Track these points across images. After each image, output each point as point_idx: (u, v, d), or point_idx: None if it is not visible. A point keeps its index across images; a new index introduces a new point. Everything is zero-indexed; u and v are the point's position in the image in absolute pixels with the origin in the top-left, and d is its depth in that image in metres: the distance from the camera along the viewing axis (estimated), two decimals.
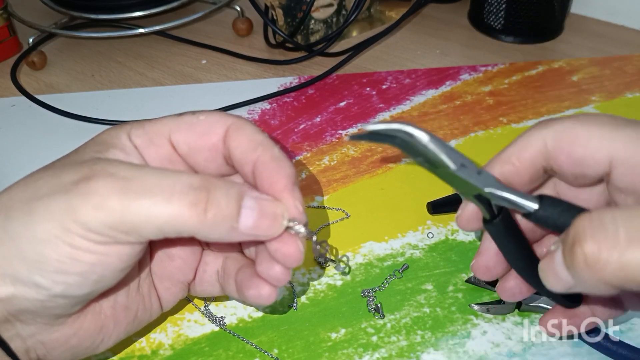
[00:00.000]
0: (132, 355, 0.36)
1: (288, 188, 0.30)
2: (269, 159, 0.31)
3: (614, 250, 0.22)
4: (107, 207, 0.26)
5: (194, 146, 0.32)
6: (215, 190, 0.27)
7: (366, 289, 0.40)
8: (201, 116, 0.32)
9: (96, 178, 0.27)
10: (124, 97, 0.59)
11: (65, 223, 0.26)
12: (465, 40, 0.68)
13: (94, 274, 0.27)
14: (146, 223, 0.27)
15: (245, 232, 0.28)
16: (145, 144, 0.32)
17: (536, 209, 0.28)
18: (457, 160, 0.28)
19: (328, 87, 0.60)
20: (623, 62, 0.63)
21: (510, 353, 0.36)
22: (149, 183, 0.27)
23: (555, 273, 0.25)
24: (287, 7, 0.63)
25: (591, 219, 0.24)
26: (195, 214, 0.27)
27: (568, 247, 0.24)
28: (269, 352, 0.36)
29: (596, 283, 0.24)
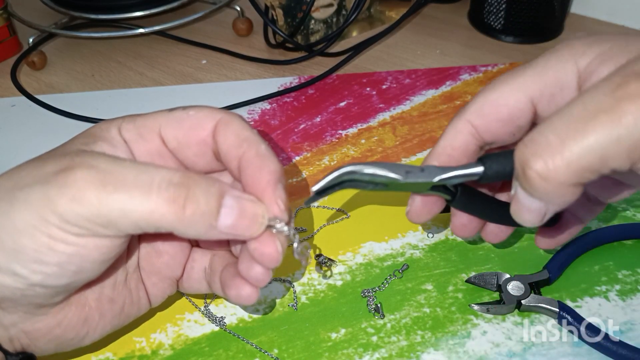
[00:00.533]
0: (132, 355, 0.36)
1: (271, 185, 0.30)
2: (254, 155, 0.31)
3: (556, 155, 0.24)
4: (84, 199, 0.26)
5: (183, 141, 0.32)
6: (195, 187, 0.27)
7: (366, 289, 0.40)
8: (191, 111, 0.32)
9: (76, 169, 0.27)
10: (124, 97, 0.59)
11: (43, 213, 0.26)
12: (465, 40, 0.68)
13: (72, 265, 0.27)
14: (122, 217, 0.27)
15: (224, 231, 0.28)
16: (135, 138, 0.32)
17: (482, 171, 0.30)
18: (401, 170, 0.30)
19: (328, 87, 0.60)
20: None
21: (510, 353, 0.36)
22: (128, 177, 0.27)
23: (525, 207, 0.27)
24: (287, 7, 0.63)
25: (524, 143, 0.26)
26: (172, 210, 0.27)
27: (521, 177, 0.26)
28: (269, 352, 0.36)
29: (561, 191, 0.25)
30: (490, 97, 0.31)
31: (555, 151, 0.24)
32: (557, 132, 0.24)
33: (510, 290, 0.38)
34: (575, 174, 0.24)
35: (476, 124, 0.31)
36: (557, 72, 0.29)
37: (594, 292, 0.39)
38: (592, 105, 0.24)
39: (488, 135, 0.31)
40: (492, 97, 0.31)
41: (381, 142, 0.53)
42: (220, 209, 0.28)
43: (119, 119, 0.32)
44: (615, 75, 0.25)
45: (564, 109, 0.25)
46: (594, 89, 0.25)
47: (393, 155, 0.51)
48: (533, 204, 0.27)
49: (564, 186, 0.25)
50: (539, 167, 0.25)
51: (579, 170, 0.24)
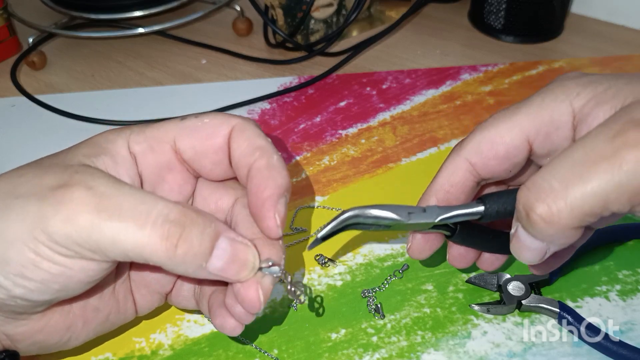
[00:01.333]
0: (132, 356, 0.36)
1: (273, 198, 0.30)
2: (264, 165, 0.30)
3: (559, 200, 0.25)
4: (76, 222, 0.26)
5: (200, 149, 0.32)
6: (190, 227, 0.27)
7: (366, 289, 0.40)
8: (205, 119, 0.32)
9: (73, 188, 0.26)
10: (124, 97, 0.59)
11: (34, 230, 0.26)
12: (465, 40, 0.68)
13: (56, 284, 0.27)
14: (112, 246, 0.26)
15: (213, 273, 0.28)
16: (145, 151, 0.31)
17: (483, 210, 0.31)
18: (403, 212, 0.31)
19: (328, 87, 0.60)
20: (623, 62, 0.63)
21: (510, 353, 0.36)
22: (124, 205, 0.26)
23: (526, 247, 0.28)
24: (287, 7, 0.63)
25: (527, 187, 0.26)
26: (164, 248, 0.26)
27: (524, 220, 0.27)
28: (268, 352, 0.36)
29: (564, 233, 0.26)
30: (487, 135, 0.31)
31: (559, 196, 0.25)
32: (559, 178, 0.25)
33: (511, 290, 0.38)
34: (578, 217, 0.25)
35: (474, 161, 0.32)
36: (552, 112, 0.30)
37: (595, 292, 0.39)
38: (592, 152, 0.25)
39: (485, 172, 0.32)
40: (489, 135, 0.31)
41: (381, 142, 0.53)
42: (213, 251, 0.28)
43: (127, 129, 0.32)
44: (613, 122, 0.26)
45: (565, 154, 0.26)
46: (593, 135, 0.26)
47: (393, 155, 0.51)
48: (534, 243, 0.28)
49: (567, 229, 0.26)
50: (543, 211, 0.26)
51: (582, 215, 0.25)
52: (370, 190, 0.48)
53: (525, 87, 0.59)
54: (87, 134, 0.54)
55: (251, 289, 0.29)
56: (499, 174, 0.32)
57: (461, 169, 0.32)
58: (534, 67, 0.62)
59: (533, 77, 0.61)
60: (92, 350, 0.36)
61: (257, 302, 0.29)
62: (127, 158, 0.31)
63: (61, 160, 0.29)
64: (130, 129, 0.32)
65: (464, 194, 0.33)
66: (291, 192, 0.47)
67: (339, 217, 0.31)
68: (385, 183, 0.48)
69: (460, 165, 0.32)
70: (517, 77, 0.61)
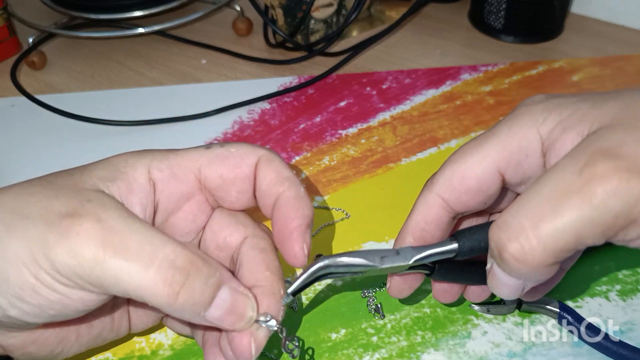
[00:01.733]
0: (132, 356, 0.36)
1: (300, 229, 0.30)
2: (293, 196, 0.31)
3: (531, 238, 0.25)
4: (81, 255, 0.25)
5: (228, 178, 0.31)
6: (195, 276, 0.27)
7: (366, 289, 0.40)
8: (232, 148, 0.32)
9: (82, 219, 0.26)
10: (124, 97, 0.59)
11: (37, 255, 0.25)
12: (465, 40, 0.68)
13: (52, 310, 0.27)
14: (114, 283, 0.26)
15: (210, 321, 0.28)
16: (167, 179, 0.31)
17: (457, 248, 0.30)
18: (376, 257, 0.30)
19: (328, 87, 0.60)
20: (623, 62, 0.63)
21: (510, 353, 0.36)
22: (131, 243, 0.26)
23: (503, 284, 0.27)
24: (287, 7, 0.63)
25: (499, 226, 0.26)
26: (165, 293, 0.26)
27: (498, 259, 0.26)
28: (268, 352, 0.36)
29: (539, 271, 0.25)
30: (457, 169, 0.30)
31: (530, 235, 0.25)
32: (530, 216, 0.25)
33: None
34: (551, 255, 0.25)
35: (446, 197, 0.31)
36: (520, 139, 0.29)
37: (595, 292, 0.39)
38: (561, 186, 0.24)
39: (459, 206, 0.31)
40: (460, 170, 0.30)
41: (381, 141, 0.53)
42: (213, 301, 0.28)
43: (148, 154, 0.31)
44: (580, 152, 0.25)
45: (534, 190, 0.25)
46: (561, 167, 0.25)
47: (393, 155, 0.51)
48: (510, 280, 0.27)
49: (541, 267, 0.25)
50: (515, 250, 0.25)
51: (555, 252, 0.25)
52: (370, 190, 0.48)
53: (525, 87, 0.59)
54: (87, 134, 0.54)
55: (244, 339, 0.29)
56: (474, 207, 0.31)
57: (434, 206, 0.31)
58: (534, 67, 0.62)
59: (533, 77, 0.61)
60: (92, 350, 0.36)
61: (249, 353, 0.29)
62: (143, 186, 0.30)
63: (75, 182, 0.28)
64: (152, 154, 0.31)
65: (440, 231, 0.32)
66: None
67: (309, 269, 0.30)
68: (385, 183, 0.48)
69: (433, 202, 0.31)
70: (517, 77, 0.61)
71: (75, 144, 0.53)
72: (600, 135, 0.25)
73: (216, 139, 0.53)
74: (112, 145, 0.53)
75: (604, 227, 0.24)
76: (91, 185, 0.28)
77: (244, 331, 0.29)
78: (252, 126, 0.55)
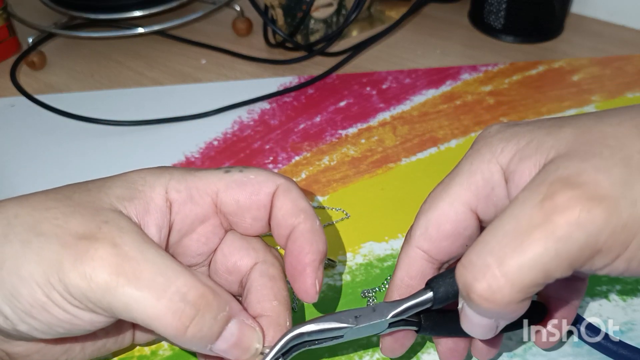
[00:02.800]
0: (132, 356, 0.36)
1: (314, 265, 0.30)
2: (308, 229, 0.31)
3: (497, 277, 0.24)
4: (94, 280, 0.25)
5: (244, 204, 0.31)
6: (205, 311, 0.27)
7: (366, 289, 0.40)
8: (251, 175, 0.31)
9: (98, 244, 0.26)
10: (124, 97, 0.59)
11: (50, 275, 0.26)
12: (465, 40, 0.68)
13: (61, 328, 0.27)
14: (124, 310, 0.26)
15: (216, 352, 0.28)
16: (183, 200, 0.31)
17: (432, 296, 0.29)
18: (349, 317, 0.29)
19: (328, 87, 0.60)
20: (623, 62, 0.63)
21: (510, 353, 0.36)
22: (145, 273, 0.26)
23: (475, 324, 0.27)
24: (287, 7, 0.63)
25: (463, 265, 0.25)
26: (175, 326, 0.26)
27: (467, 300, 0.25)
28: None
29: (509, 308, 0.24)
30: (431, 217, 0.30)
31: (497, 273, 0.24)
32: (494, 253, 0.24)
33: None
34: (520, 291, 0.24)
35: (426, 248, 0.30)
36: (483, 174, 0.29)
37: (595, 292, 0.39)
38: (523, 221, 0.24)
39: (441, 255, 0.30)
40: (433, 217, 0.30)
41: (381, 142, 0.53)
42: (221, 333, 0.28)
43: (166, 173, 0.31)
44: (539, 183, 0.24)
45: (497, 226, 0.25)
46: (521, 200, 0.24)
47: (393, 155, 0.51)
48: (482, 320, 0.26)
49: (511, 304, 0.24)
50: (483, 290, 0.24)
51: (524, 287, 0.24)
52: (370, 190, 0.48)
53: (525, 87, 0.59)
54: (87, 134, 0.54)
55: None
56: (456, 252, 0.30)
57: (416, 259, 0.31)
58: (534, 67, 0.62)
59: (533, 77, 0.61)
60: None
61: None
62: (160, 206, 0.30)
63: (93, 199, 0.28)
64: (170, 174, 0.31)
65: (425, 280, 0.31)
66: None
67: (280, 341, 0.29)
68: (385, 183, 0.48)
69: (414, 256, 0.31)
70: (517, 77, 0.61)
71: (75, 144, 0.53)
72: (558, 165, 0.25)
73: (216, 139, 0.53)
74: (112, 145, 0.53)
75: (571, 260, 0.23)
76: (109, 204, 0.28)
77: None
78: (252, 126, 0.55)
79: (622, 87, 0.59)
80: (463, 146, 0.52)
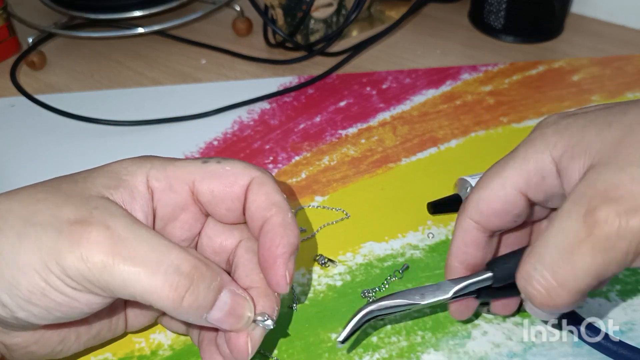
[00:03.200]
0: (132, 356, 0.36)
1: (284, 257, 0.31)
2: (279, 223, 0.31)
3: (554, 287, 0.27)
4: (91, 261, 0.26)
5: (219, 195, 0.32)
6: (199, 281, 0.28)
7: (366, 289, 0.40)
8: (227, 166, 0.32)
9: (91, 227, 0.27)
10: (124, 97, 0.59)
11: (48, 261, 0.26)
12: (465, 40, 0.68)
13: (59, 312, 0.28)
14: (122, 288, 0.27)
15: (210, 322, 0.29)
16: (163, 189, 0.32)
17: (491, 276, 0.33)
18: (416, 294, 0.33)
19: (328, 87, 0.60)
20: (623, 62, 0.63)
21: (510, 353, 0.36)
22: (139, 250, 0.27)
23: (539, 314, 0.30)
24: (287, 7, 0.63)
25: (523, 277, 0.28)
26: (171, 297, 0.27)
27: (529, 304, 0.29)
28: (268, 352, 0.36)
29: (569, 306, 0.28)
30: (483, 194, 0.32)
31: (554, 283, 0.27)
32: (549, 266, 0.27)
33: None
34: (577, 294, 0.27)
35: (477, 219, 0.33)
36: (536, 163, 0.31)
37: (595, 292, 0.39)
38: (570, 235, 0.27)
39: (491, 226, 0.33)
40: (485, 195, 0.32)
41: (381, 141, 0.53)
42: (215, 303, 0.29)
43: (147, 162, 0.32)
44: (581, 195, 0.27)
45: (548, 239, 0.28)
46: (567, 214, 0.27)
47: (393, 155, 0.51)
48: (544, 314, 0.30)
49: (570, 304, 0.28)
50: (543, 299, 0.28)
51: (580, 291, 0.27)
52: (370, 190, 0.48)
53: (526, 87, 0.59)
54: (86, 134, 0.54)
55: (241, 339, 0.31)
56: (506, 226, 0.33)
57: (470, 229, 0.33)
58: (534, 67, 0.62)
59: (533, 77, 0.61)
60: (92, 350, 0.36)
61: (245, 352, 0.31)
62: (143, 194, 0.31)
63: (80, 189, 0.29)
64: (150, 163, 0.32)
65: (481, 250, 0.34)
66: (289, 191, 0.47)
67: (355, 317, 0.32)
68: (385, 183, 0.48)
69: (467, 226, 0.33)
70: (517, 77, 0.61)
71: (75, 144, 0.53)
72: (598, 174, 0.27)
73: (216, 139, 0.53)
74: (112, 145, 0.53)
75: (618, 263, 0.26)
76: (96, 192, 0.29)
77: (242, 331, 0.31)
78: (252, 126, 0.55)
79: (622, 87, 0.59)
80: (463, 146, 0.52)
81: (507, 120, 0.55)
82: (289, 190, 0.48)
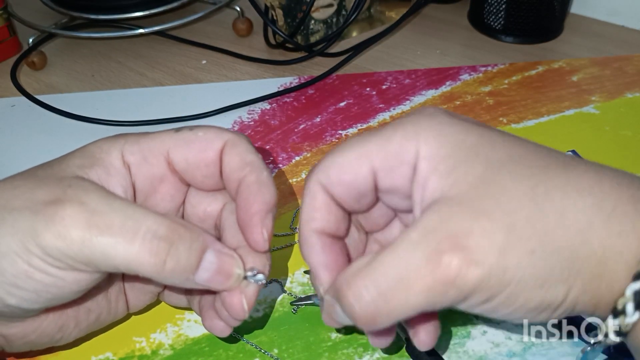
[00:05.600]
0: (132, 355, 0.36)
1: (260, 214, 0.31)
2: (254, 181, 0.31)
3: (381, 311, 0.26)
4: (68, 237, 0.26)
5: (193, 162, 0.32)
6: (178, 243, 0.28)
7: None
8: (199, 132, 0.32)
9: (66, 204, 0.27)
10: (124, 98, 0.59)
11: (27, 243, 0.27)
12: (465, 40, 0.68)
13: (49, 293, 0.28)
14: (103, 260, 0.27)
15: (200, 284, 0.29)
16: (139, 162, 0.32)
17: None
18: None
19: (328, 87, 0.60)
20: (623, 62, 0.63)
21: (510, 353, 0.36)
22: (115, 220, 0.27)
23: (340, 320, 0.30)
24: (287, 7, 0.63)
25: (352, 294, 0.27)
26: (153, 262, 0.27)
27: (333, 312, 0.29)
28: (269, 352, 0.36)
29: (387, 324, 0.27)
30: (336, 160, 0.30)
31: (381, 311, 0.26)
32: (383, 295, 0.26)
33: None
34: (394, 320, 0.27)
35: (324, 183, 0.30)
36: (399, 147, 0.29)
37: None
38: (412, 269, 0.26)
39: (335, 195, 0.31)
40: (338, 161, 0.30)
41: None
42: (200, 264, 0.29)
43: (121, 139, 0.32)
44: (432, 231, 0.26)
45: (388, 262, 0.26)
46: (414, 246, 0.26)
47: None
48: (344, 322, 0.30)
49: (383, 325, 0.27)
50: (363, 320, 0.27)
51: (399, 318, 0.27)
52: None
53: (525, 87, 0.59)
54: (87, 134, 0.54)
55: (235, 297, 0.31)
56: (349, 202, 0.31)
57: (318, 192, 0.31)
58: (533, 67, 0.62)
59: (533, 78, 0.61)
60: (92, 350, 0.36)
61: (241, 310, 0.31)
62: (120, 169, 0.31)
63: (55, 172, 0.30)
64: (124, 138, 0.32)
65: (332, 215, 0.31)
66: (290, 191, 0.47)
67: None
68: None
69: (316, 190, 0.31)
70: (516, 77, 0.61)
71: (75, 144, 0.52)
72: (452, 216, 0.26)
73: None
74: None
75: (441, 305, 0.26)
76: (70, 173, 0.29)
77: (235, 290, 0.30)
78: (252, 126, 0.55)
79: (622, 88, 0.59)
80: None
81: (506, 120, 0.55)
82: (288, 189, 0.48)
